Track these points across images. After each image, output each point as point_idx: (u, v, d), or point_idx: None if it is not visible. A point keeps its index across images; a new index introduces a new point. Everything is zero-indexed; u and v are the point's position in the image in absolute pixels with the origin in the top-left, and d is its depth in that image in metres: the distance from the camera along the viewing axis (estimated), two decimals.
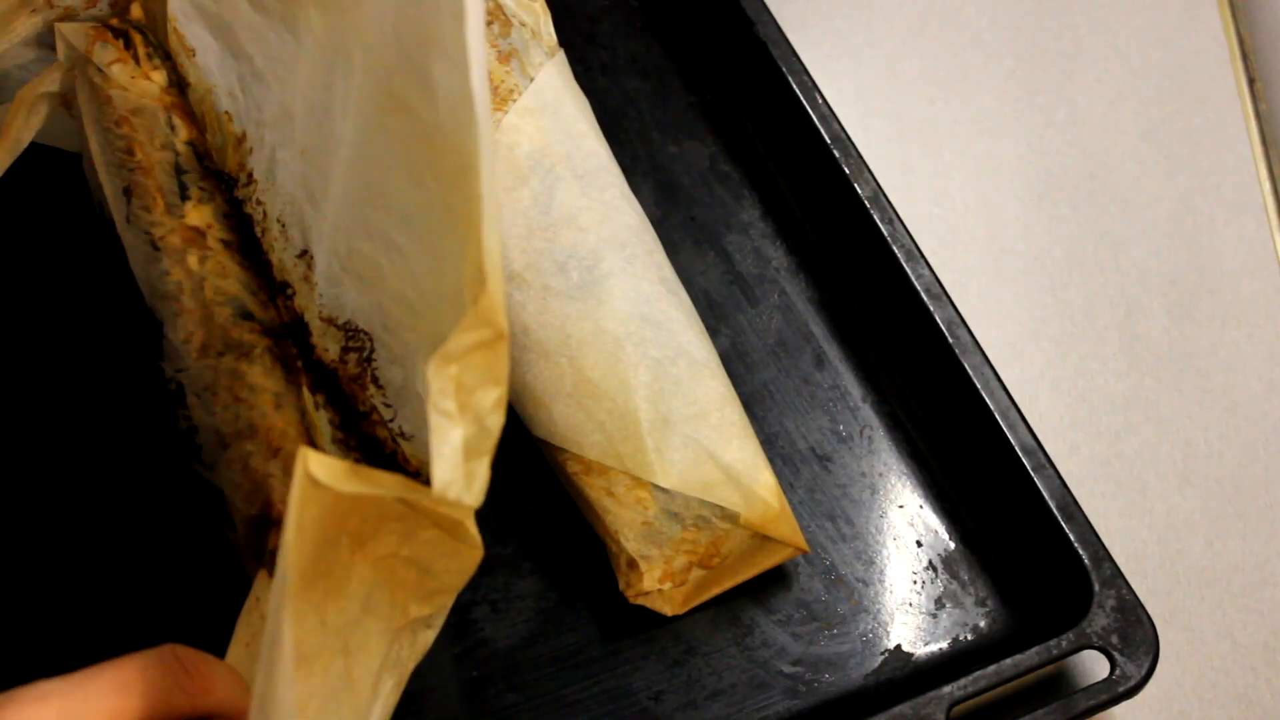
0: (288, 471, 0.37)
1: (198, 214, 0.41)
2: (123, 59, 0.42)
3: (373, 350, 0.39)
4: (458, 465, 0.29)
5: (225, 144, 0.43)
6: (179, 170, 0.42)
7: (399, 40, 0.34)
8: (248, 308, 0.40)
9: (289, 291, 0.41)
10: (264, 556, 0.37)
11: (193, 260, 0.40)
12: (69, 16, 0.43)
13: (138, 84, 0.42)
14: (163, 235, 0.41)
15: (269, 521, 0.37)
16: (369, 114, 0.36)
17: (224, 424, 0.38)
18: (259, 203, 0.42)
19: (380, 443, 0.39)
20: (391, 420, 0.38)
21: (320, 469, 0.28)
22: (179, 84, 0.43)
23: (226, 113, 0.43)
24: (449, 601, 0.35)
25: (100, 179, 0.42)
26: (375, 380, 0.39)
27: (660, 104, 0.54)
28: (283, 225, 0.41)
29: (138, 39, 0.43)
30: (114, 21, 0.43)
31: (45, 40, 0.44)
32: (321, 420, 0.40)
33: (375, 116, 0.36)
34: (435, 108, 0.32)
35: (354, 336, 0.39)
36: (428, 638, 0.36)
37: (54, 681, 0.28)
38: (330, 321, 0.40)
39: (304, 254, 0.41)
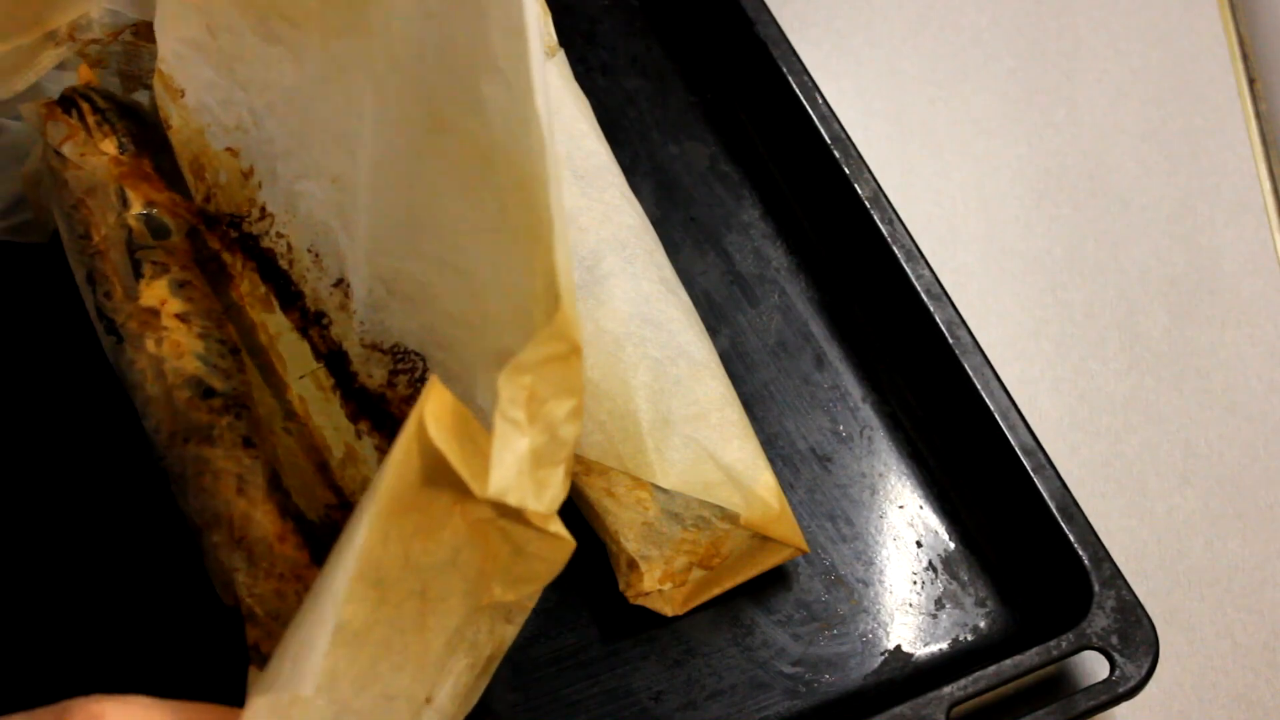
0: (252, 562, 0.36)
1: (150, 292, 0.39)
2: (72, 134, 0.41)
3: (425, 370, 0.38)
4: (522, 473, 0.30)
5: (230, 181, 0.42)
6: (131, 247, 0.40)
7: (443, 60, 0.34)
8: (207, 383, 0.38)
9: (325, 321, 0.40)
10: (248, 651, 0.36)
11: (150, 344, 0.38)
12: (95, 43, 0.43)
13: (88, 160, 0.41)
14: (123, 322, 0.39)
15: (241, 616, 0.36)
16: (410, 135, 0.36)
17: (195, 514, 0.37)
18: (280, 235, 0.41)
19: None
20: None
21: (435, 425, 0.28)
22: (138, 141, 0.42)
23: (228, 149, 0.42)
24: (532, 596, 0.35)
25: (71, 266, 0.41)
26: None
27: (660, 104, 0.54)
28: (316, 255, 0.40)
29: (85, 107, 0.41)
30: (67, 90, 0.42)
31: (73, 65, 0.43)
32: (366, 448, 0.40)
33: (418, 138, 0.35)
34: (489, 125, 0.33)
35: (403, 359, 0.39)
36: (506, 633, 0.36)
37: (155, 700, 0.31)
38: (374, 347, 0.39)
39: (340, 282, 0.40)
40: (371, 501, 0.29)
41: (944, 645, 0.45)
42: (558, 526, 0.32)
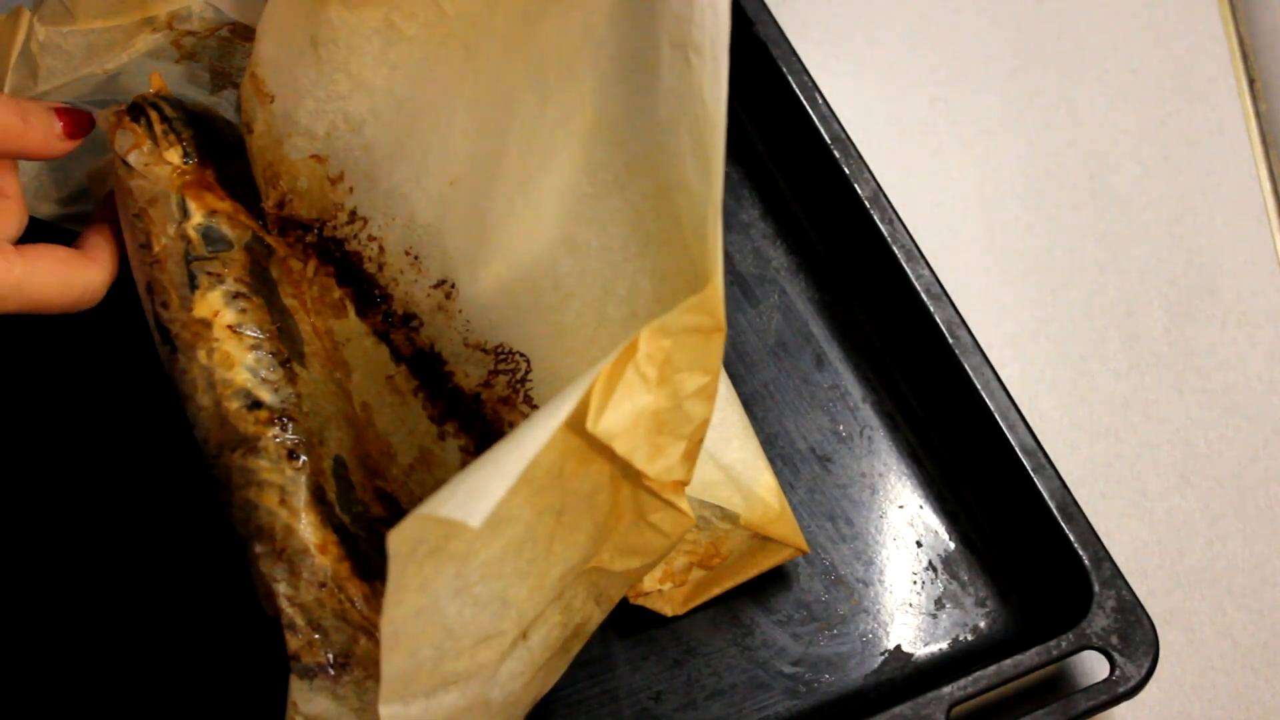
0: (293, 572, 0.36)
1: (204, 303, 0.40)
2: (139, 143, 0.41)
3: (529, 371, 0.39)
4: (638, 427, 0.30)
5: (312, 187, 0.42)
6: (189, 258, 0.40)
7: (626, 70, 0.34)
8: (255, 395, 0.39)
9: (414, 324, 0.41)
10: (289, 661, 0.37)
11: (202, 355, 0.39)
12: (191, 35, 0.44)
13: (152, 169, 0.41)
14: (178, 332, 0.40)
15: (282, 626, 0.37)
16: (573, 140, 0.36)
17: (240, 524, 0.38)
18: (372, 238, 0.42)
19: None
20: None
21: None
22: (203, 151, 0.42)
23: (314, 156, 0.42)
24: (627, 581, 0.35)
25: (133, 274, 0.41)
26: (529, 400, 0.39)
27: None
28: (415, 257, 0.41)
29: (154, 116, 0.41)
30: (136, 97, 0.42)
31: (166, 54, 0.44)
32: (449, 450, 0.40)
33: (572, 143, 0.36)
34: (638, 133, 0.33)
35: (506, 359, 0.39)
36: (593, 615, 0.36)
37: None
38: (477, 347, 0.40)
39: (441, 283, 0.40)
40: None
41: (944, 645, 0.45)
42: (683, 502, 0.32)
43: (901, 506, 0.47)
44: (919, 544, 0.47)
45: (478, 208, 0.39)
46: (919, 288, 0.48)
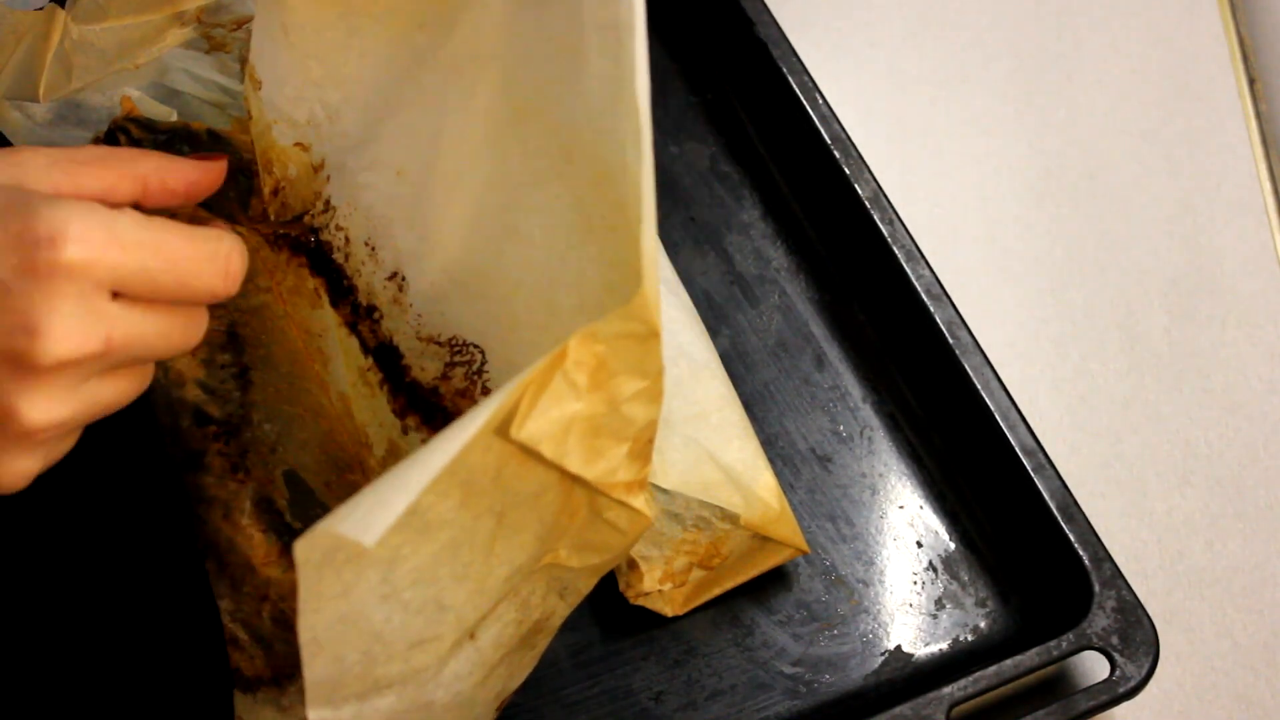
0: (235, 587, 0.37)
1: None
2: None
3: (484, 362, 0.38)
4: (569, 433, 0.30)
5: (300, 175, 0.42)
6: None
7: (534, 54, 0.34)
8: (204, 411, 0.39)
9: (376, 316, 0.41)
10: (233, 676, 0.37)
11: (160, 374, 0.39)
12: (219, 27, 0.45)
13: None
14: None
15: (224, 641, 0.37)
16: (491, 127, 0.36)
17: (199, 541, 0.38)
18: (339, 228, 0.42)
19: None
20: None
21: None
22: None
23: (298, 144, 0.42)
24: (591, 574, 0.35)
25: None
26: (487, 391, 0.39)
27: (660, 104, 0.54)
28: (372, 248, 0.41)
29: (123, 140, 0.42)
30: (112, 123, 0.43)
31: (197, 46, 0.45)
32: (412, 445, 0.40)
33: (500, 129, 0.36)
34: (573, 118, 0.33)
35: (460, 351, 0.39)
36: (557, 608, 0.36)
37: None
38: (431, 340, 0.40)
39: (394, 275, 0.40)
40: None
41: (944, 645, 0.45)
42: (639, 502, 0.32)
43: (902, 507, 0.47)
44: (919, 544, 0.47)
45: (421, 200, 0.39)
46: (919, 288, 0.48)
